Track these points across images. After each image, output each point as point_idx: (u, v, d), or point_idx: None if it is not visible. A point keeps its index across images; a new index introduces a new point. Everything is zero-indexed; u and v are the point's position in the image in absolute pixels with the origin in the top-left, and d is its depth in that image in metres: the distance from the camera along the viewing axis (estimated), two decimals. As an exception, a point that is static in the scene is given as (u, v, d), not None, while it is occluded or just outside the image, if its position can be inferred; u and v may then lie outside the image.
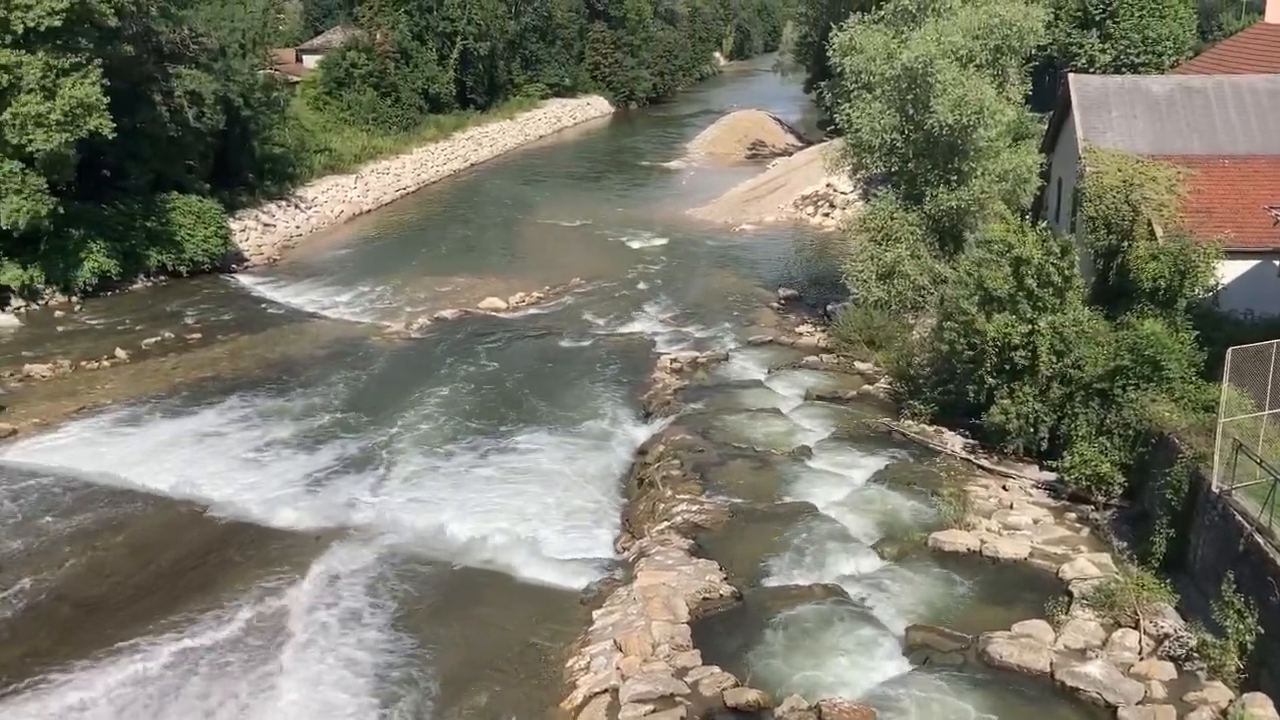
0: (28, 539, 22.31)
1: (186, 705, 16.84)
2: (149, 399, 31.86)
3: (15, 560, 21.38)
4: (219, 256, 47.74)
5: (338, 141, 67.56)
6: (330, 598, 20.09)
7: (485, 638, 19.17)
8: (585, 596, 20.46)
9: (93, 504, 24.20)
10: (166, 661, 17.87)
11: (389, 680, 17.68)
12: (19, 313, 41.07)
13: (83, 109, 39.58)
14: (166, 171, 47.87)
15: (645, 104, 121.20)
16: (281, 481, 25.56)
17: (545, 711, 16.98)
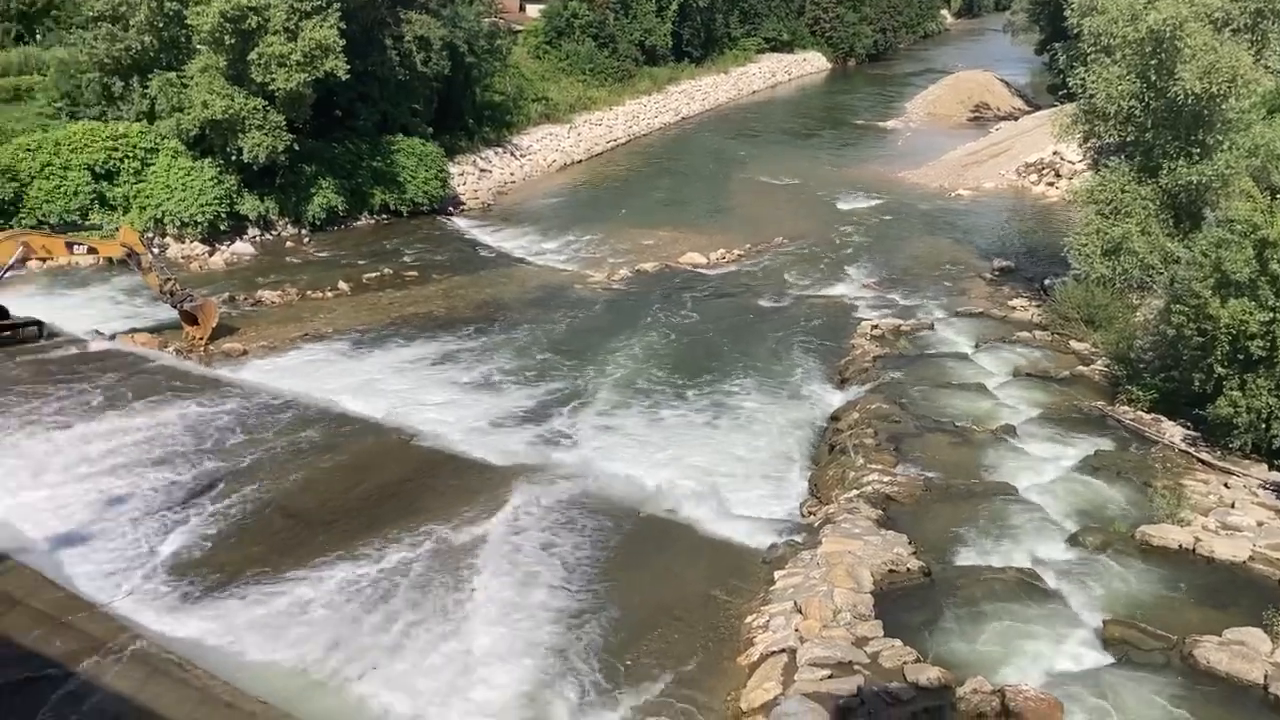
0: (253, 452, 23.97)
1: (387, 614, 17.83)
2: (366, 330, 33.57)
3: (241, 471, 23.03)
4: (437, 199, 49.67)
5: (554, 91, 68.85)
6: (522, 531, 20.76)
7: (666, 585, 19.39)
8: (767, 556, 20.39)
9: (310, 424, 25.72)
10: (372, 573, 18.94)
11: (571, 613, 18.16)
12: (254, 241, 43.96)
13: (321, 51, 41.70)
14: (393, 114, 50.02)
15: (864, 61, 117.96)
16: (483, 417, 26.54)
17: (721, 664, 17.08)
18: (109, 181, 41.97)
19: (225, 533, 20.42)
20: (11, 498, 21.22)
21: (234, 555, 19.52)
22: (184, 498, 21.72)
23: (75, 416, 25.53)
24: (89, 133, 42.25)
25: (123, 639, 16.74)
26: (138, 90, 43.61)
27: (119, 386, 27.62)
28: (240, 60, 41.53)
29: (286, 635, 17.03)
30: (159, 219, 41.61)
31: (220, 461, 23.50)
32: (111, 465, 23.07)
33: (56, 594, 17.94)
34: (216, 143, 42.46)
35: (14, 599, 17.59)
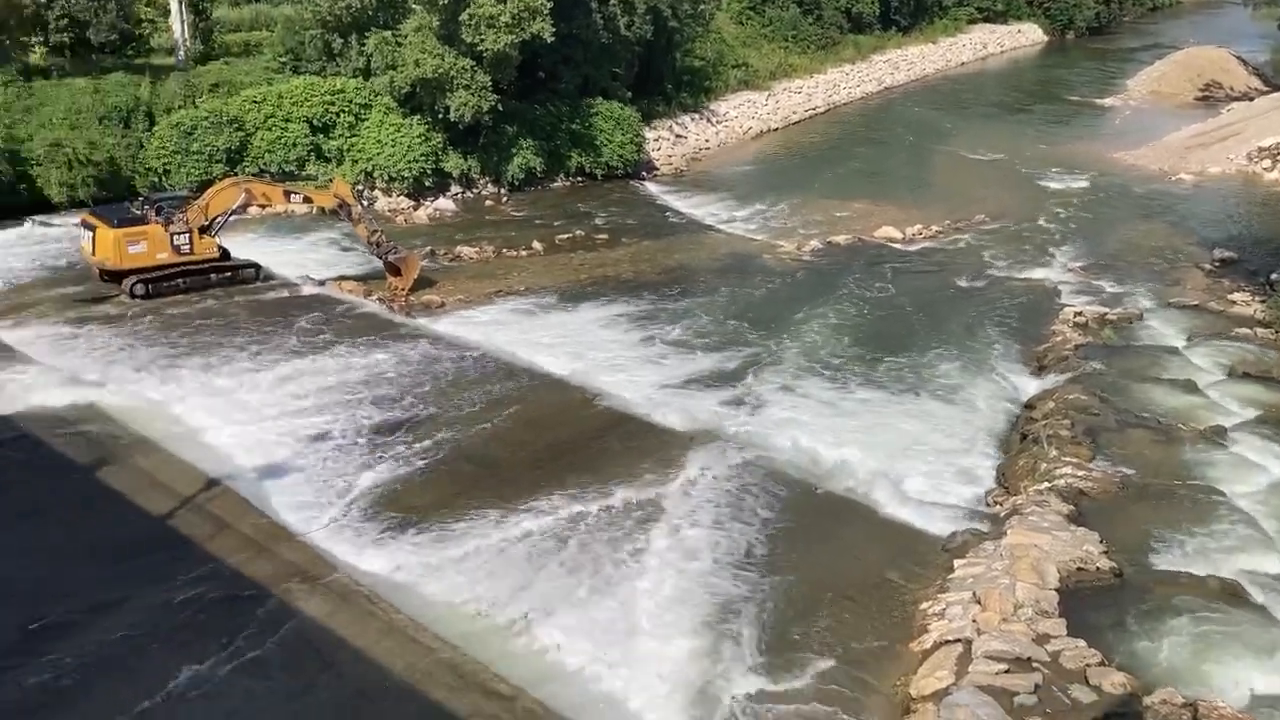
0: (444, 400, 24.90)
1: (562, 563, 18.28)
2: (556, 290, 34.21)
3: (433, 417, 23.97)
4: (632, 163, 50.07)
5: (755, 57, 68.12)
6: (697, 497, 20.83)
7: (839, 564, 19.10)
8: (947, 544, 19.79)
9: (499, 377, 26.49)
10: (549, 525, 19.43)
11: (742, 583, 18.14)
12: (456, 198, 45.43)
13: (529, 13, 42.51)
14: (594, 77, 50.59)
15: (1084, 34, 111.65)
16: (665, 382, 26.67)
17: (893, 648, 16.73)
18: (325, 134, 44.17)
19: (415, 475, 21.31)
20: (226, 428, 22.75)
21: (422, 497, 20.36)
22: (379, 438, 22.77)
23: (284, 355, 27.14)
24: (309, 87, 44.54)
25: (318, 568, 17.76)
26: (355, 47, 45.59)
27: (325, 329, 29.16)
28: (452, 20, 42.81)
29: (467, 577, 17.67)
30: (369, 172, 43.55)
31: (414, 406, 24.52)
32: (314, 403, 24.42)
33: (260, 520, 19.17)
34: (425, 101, 44.01)
35: (224, 522, 18.90)
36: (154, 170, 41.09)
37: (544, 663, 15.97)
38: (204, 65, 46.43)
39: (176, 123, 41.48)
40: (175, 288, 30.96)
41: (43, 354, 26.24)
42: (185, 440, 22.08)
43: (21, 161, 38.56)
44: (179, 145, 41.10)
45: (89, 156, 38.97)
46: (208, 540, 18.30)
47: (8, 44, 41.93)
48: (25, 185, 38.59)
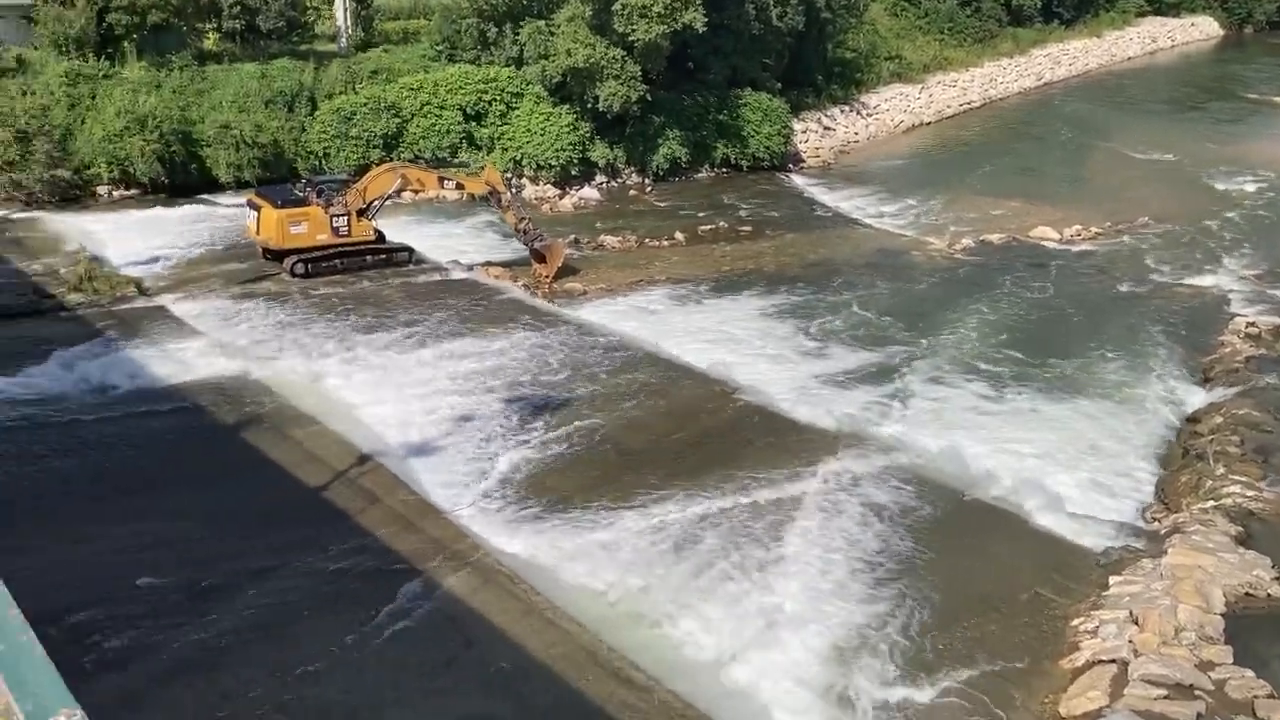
0: (586, 387, 25.08)
1: (700, 557, 18.15)
2: (698, 281, 34.11)
3: (575, 403, 24.17)
4: (778, 155, 49.56)
5: (909, 50, 66.61)
6: (838, 497, 20.44)
7: (986, 574, 18.48)
8: (1102, 559, 18.94)
9: (640, 367, 26.53)
10: (688, 517, 19.32)
11: (883, 586, 17.72)
12: (601, 188, 45.78)
13: (681, 3, 42.46)
14: (743, 68, 50.21)
15: (1264, 28, 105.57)
16: (807, 377, 26.31)
17: (1041, 664, 16.09)
18: (477, 122, 45.05)
19: (557, 459, 21.52)
20: (378, 405, 23.40)
21: (565, 482, 20.54)
22: (522, 422, 23.07)
23: (433, 337, 27.77)
24: (463, 75, 45.49)
25: (462, 546, 18.09)
26: (509, 36, 46.32)
27: (473, 313, 29.75)
28: (604, 10, 43.08)
29: (606, 564, 17.72)
30: (518, 160, 44.23)
31: (556, 392, 24.79)
32: (460, 384, 24.90)
33: (408, 496, 19.64)
34: (575, 90, 44.43)
35: (375, 496, 19.44)
36: (315, 153, 42.61)
37: (679, 655, 15.89)
38: (364, 52, 47.91)
39: (337, 108, 42.91)
40: (333, 268, 32.02)
41: (209, 327, 27.48)
42: (340, 415, 22.80)
43: (193, 142, 40.48)
44: (339, 130, 42.50)
45: (255, 139, 40.68)
46: (359, 513, 18.85)
47: (185, 30, 44.03)
48: (196, 165, 40.52)
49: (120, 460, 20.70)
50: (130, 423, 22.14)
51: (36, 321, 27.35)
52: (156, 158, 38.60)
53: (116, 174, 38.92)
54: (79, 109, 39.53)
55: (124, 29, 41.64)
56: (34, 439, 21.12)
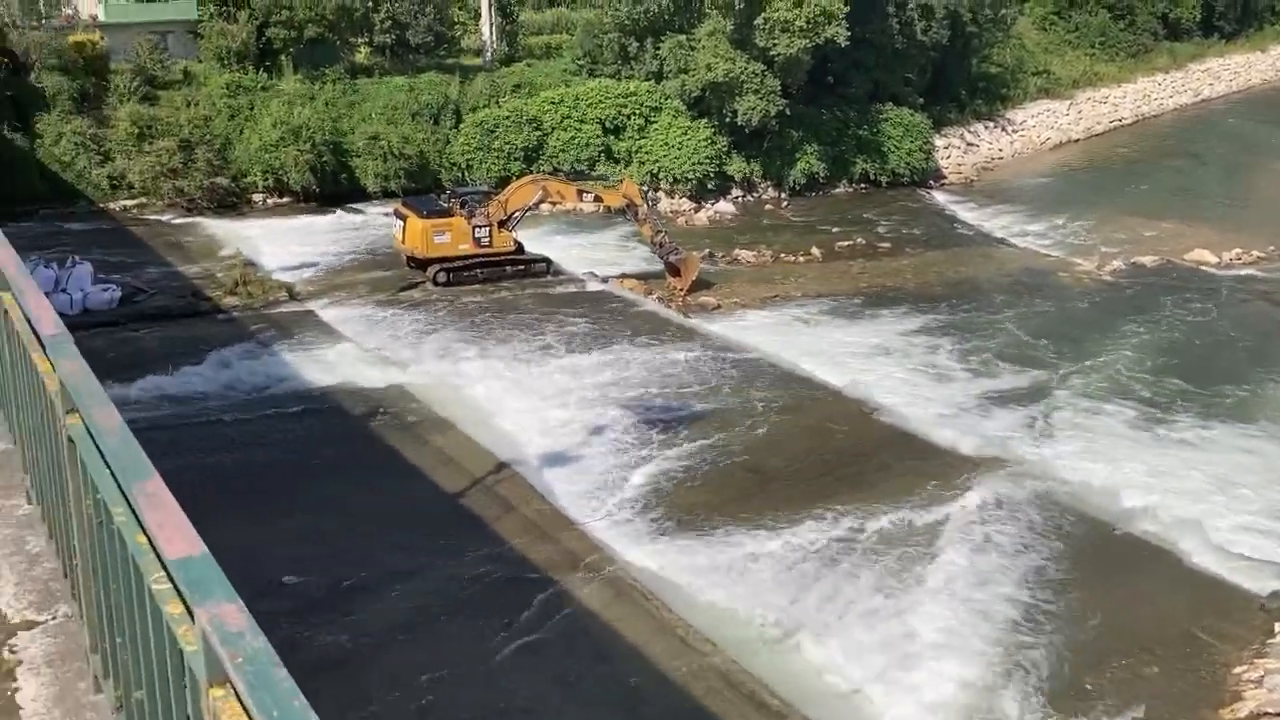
0: (719, 401, 24.93)
1: (836, 581, 17.79)
2: (835, 297, 33.64)
3: (709, 418, 24.03)
4: (919, 171, 48.56)
5: (1058, 64, 64.48)
6: (979, 526, 19.77)
7: (1138, 613, 17.61)
8: (1267, 604, 17.81)
9: (774, 383, 26.25)
10: (824, 539, 18.97)
11: (1028, 619, 17.06)
12: (736, 201, 45.59)
13: (824, 17, 42.06)
14: (885, 82, 49.40)
15: None
16: (947, 400, 25.59)
17: (1198, 712, 15.22)
18: (616, 135, 45.41)
19: (690, 474, 21.41)
20: (514, 413, 23.71)
21: (697, 497, 20.43)
22: (655, 436, 23.04)
23: (569, 348, 28.03)
24: (603, 89, 45.94)
25: (595, 559, 18.13)
26: (650, 51, 46.52)
27: (608, 325, 29.92)
28: (746, 25, 42.97)
29: (739, 585, 17.51)
30: (655, 174, 44.39)
31: (689, 406, 24.69)
32: (595, 395, 25.04)
33: (542, 506, 19.81)
34: (714, 104, 44.40)
35: (509, 504, 19.67)
36: (458, 165, 43.61)
37: (814, 681, 15.56)
38: (508, 66, 48.83)
39: (480, 121, 43.84)
40: (473, 278, 32.64)
41: (355, 333, 28.31)
42: (477, 422, 23.17)
43: (343, 153, 41.90)
44: (481, 142, 43.40)
45: (402, 150, 41.87)
46: (495, 520, 19.09)
47: (338, 44, 45.64)
48: (345, 175, 41.92)
49: (269, 458, 21.45)
50: (280, 422, 22.95)
51: (194, 322, 28.63)
52: (309, 167, 40.07)
53: (271, 182, 40.56)
54: (238, 119, 41.34)
55: (282, 43, 43.40)
56: (188, 435, 22.05)
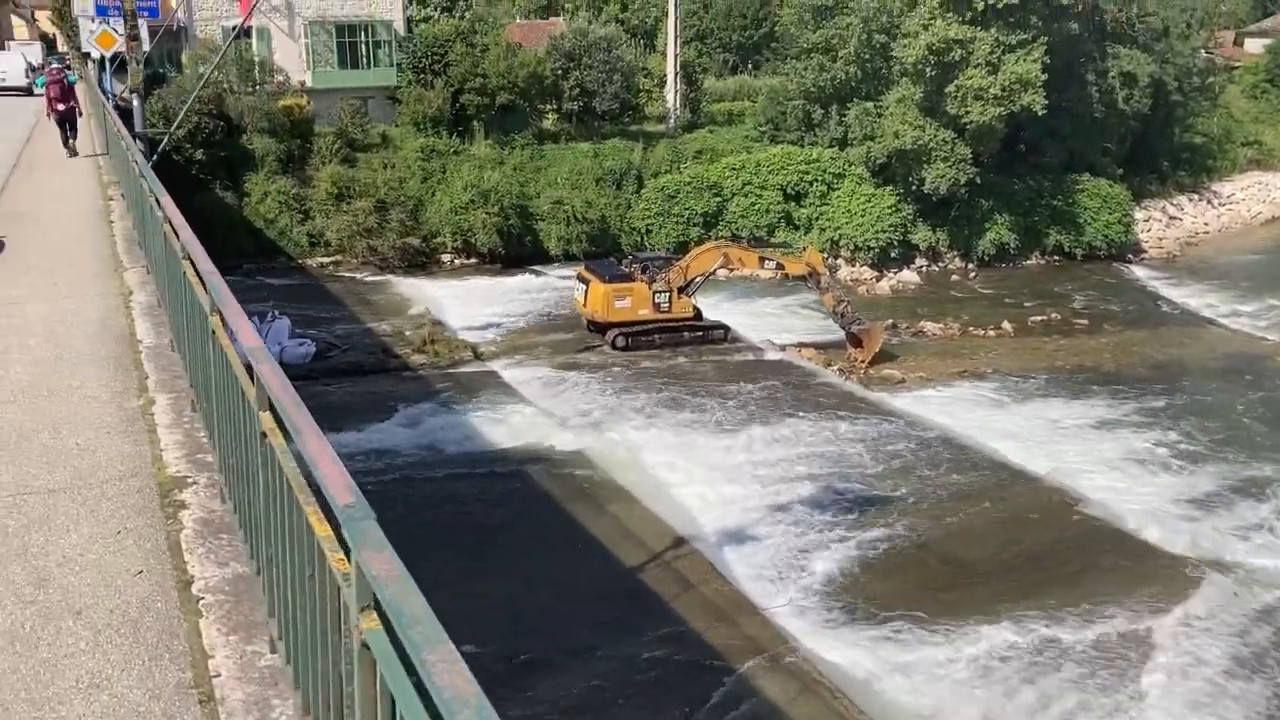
0: (907, 484, 23.72)
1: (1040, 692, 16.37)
2: (1028, 375, 31.97)
3: (895, 501, 22.86)
4: (1117, 244, 46.26)
5: (1270, 135, 60.78)
6: (1201, 639, 17.97)
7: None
8: None
9: (965, 466, 24.86)
10: (1025, 644, 17.57)
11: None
12: (920, 271, 44.26)
13: (1020, 85, 40.68)
14: (1081, 152, 47.41)
15: None
16: (1160, 493, 23.66)
17: None
18: (796, 202, 44.90)
19: (878, 562, 20.31)
20: (693, 485, 23.12)
21: (886, 588, 19.30)
22: (839, 517, 22.04)
23: (748, 419, 27.33)
24: (785, 156, 45.56)
25: (779, 649, 17.23)
26: (834, 118, 45.97)
27: (787, 396, 29.13)
28: (936, 92, 41.97)
29: (936, 688, 16.30)
30: (835, 241, 43.58)
31: (875, 486, 23.59)
32: (776, 471, 24.22)
33: (722, 586, 19.05)
34: (899, 172, 43.41)
35: (688, 582, 19.01)
36: (638, 230, 43.86)
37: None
38: (690, 132, 49.08)
39: (662, 186, 44.06)
40: (651, 343, 32.45)
41: (535, 395, 28.39)
42: (656, 493, 22.67)
43: (528, 216, 42.72)
44: (662, 207, 43.57)
45: (584, 214, 42.40)
46: (674, 599, 18.46)
47: (527, 110, 46.82)
48: (530, 238, 42.68)
49: (451, 519, 21.44)
50: (463, 482, 23.01)
51: (383, 379, 29.27)
52: (496, 230, 40.97)
53: (459, 243, 41.63)
54: (430, 182, 42.71)
55: (475, 109, 44.77)
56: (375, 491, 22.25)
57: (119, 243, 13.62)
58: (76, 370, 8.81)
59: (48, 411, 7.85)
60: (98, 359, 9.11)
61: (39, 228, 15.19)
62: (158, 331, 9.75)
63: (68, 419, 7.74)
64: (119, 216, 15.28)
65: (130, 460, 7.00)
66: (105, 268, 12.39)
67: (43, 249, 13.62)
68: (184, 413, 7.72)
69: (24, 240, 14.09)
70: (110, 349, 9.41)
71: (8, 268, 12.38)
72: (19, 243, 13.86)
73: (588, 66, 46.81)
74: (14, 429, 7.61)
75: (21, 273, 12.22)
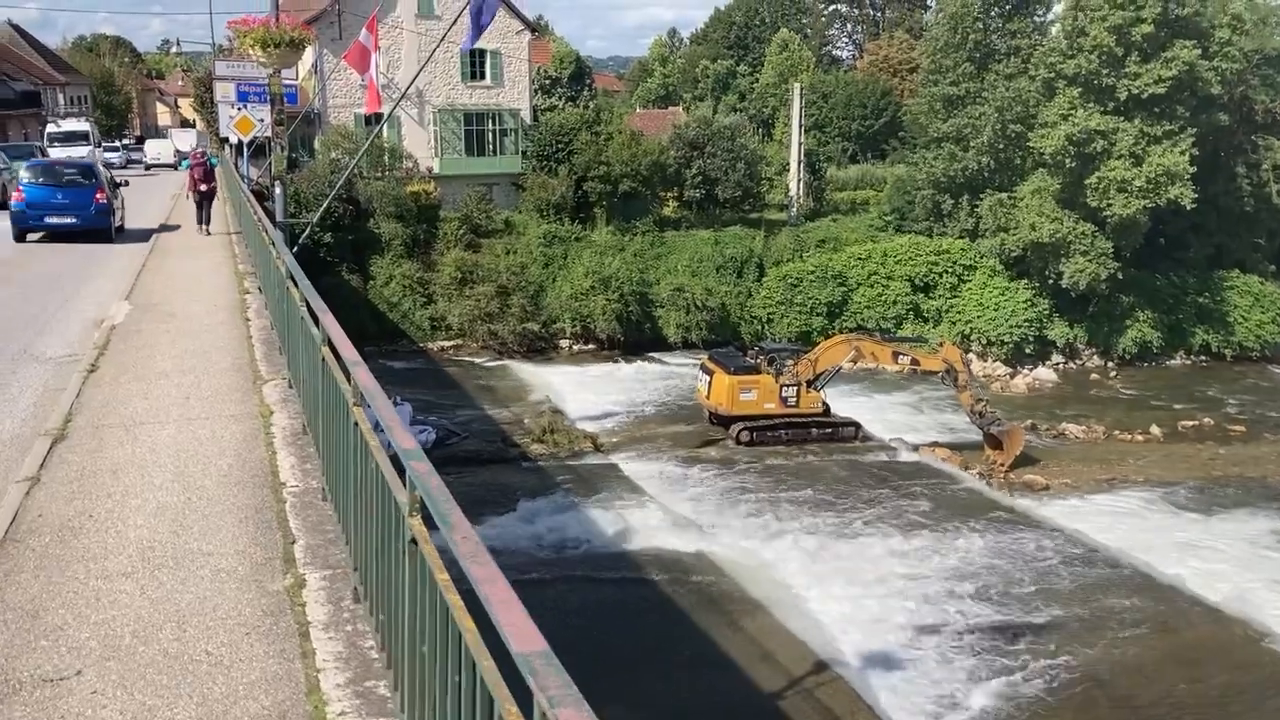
0: (1069, 610, 21.74)
1: None
2: (1183, 486, 29.73)
3: (1054, 627, 20.94)
4: (1270, 345, 43.45)
5: None
6: None
7: None
8: None
9: (1125, 589, 22.78)
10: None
11: None
12: (1057, 369, 42.19)
13: (1167, 177, 38.79)
14: (1229, 247, 45.01)
15: None
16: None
17: None
18: (925, 294, 43.39)
19: (1039, 700, 18.39)
20: (830, 600, 21.53)
21: (1048, 729, 17.42)
22: (992, 643, 20.21)
23: (885, 526, 25.70)
24: (914, 246, 44.21)
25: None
26: (965, 208, 44.52)
27: (925, 503, 27.42)
28: (1074, 184, 40.32)
29: None
30: (966, 335, 41.83)
31: (1029, 609, 21.67)
32: (918, 588, 22.48)
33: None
34: (1035, 265, 41.67)
35: (835, 716, 17.39)
36: (759, 319, 42.82)
37: None
38: (813, 221, 48.13)
39: (784, 275, 43.05)
40: (777, 438, 31.12)
41: (658, 491, 27.24)
42: (789, 605, 21.17)
43: (648, 302, 42.07)
44: (784, 296, 42.51)
45: (704, 302, 41.57)
46: (818, 734, 16.89)
47: (649, 197, 46.51)
48: (649, 325, 41.96)
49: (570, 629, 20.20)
50: (582, 587, 21.84)
51: (503, 469, 28.50)
52: (616, 316, 40.35)
53: (579, 329, 41.14)
54: (552, 267, 42.48)
55: (597, 196, 44.64)
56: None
57: (256, 346, 12.50)
58: (208, 526, 7.06)
59: (172, 594, 6.02)
60: (234, 509, 7.40)
61: (172, 325, 14.20)
62: (304, 470, 8.11)
63: (195, 609, 5.84)
64: (255, 313, 14.45)
65: (276, 688, 5.04)
66: (242, 379, 11.07)
67: (175, 352, 12.43)
68: (343, 603, 5.87)
69: (156, 340, 13.16)
70: (249, 495, 7.66)
71: (138, 377, 11.13)
72: (151, 343, 12.95)
73: (710, 155, 46.45)
74: (131, 621, 5.71)
75: (152, 382, 10.97)
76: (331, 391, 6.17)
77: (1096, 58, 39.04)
